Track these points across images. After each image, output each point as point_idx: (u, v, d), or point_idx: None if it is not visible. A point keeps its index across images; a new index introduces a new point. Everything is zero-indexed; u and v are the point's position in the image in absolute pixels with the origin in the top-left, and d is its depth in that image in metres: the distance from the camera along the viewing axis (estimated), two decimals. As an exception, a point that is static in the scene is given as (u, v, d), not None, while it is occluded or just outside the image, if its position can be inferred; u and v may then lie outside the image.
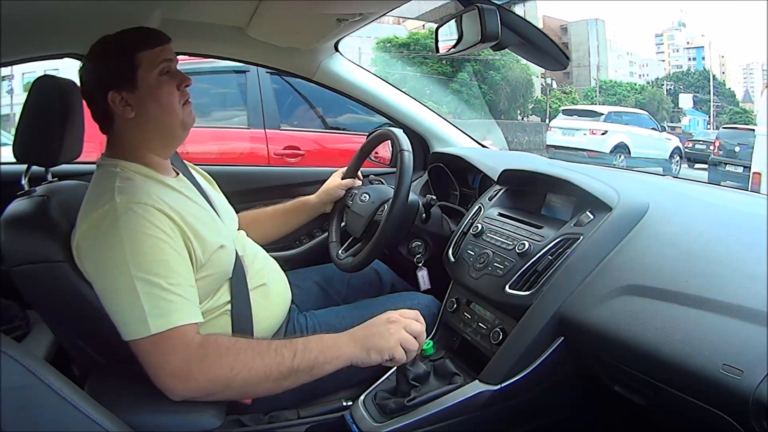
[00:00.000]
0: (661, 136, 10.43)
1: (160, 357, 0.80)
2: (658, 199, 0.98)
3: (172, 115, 0.95)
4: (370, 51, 13.89)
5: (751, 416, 0.61)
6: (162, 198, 0.88)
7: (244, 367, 0.82)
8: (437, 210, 1.28)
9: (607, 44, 24.30)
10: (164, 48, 0.94)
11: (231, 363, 0.81)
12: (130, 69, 0.91)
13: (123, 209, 0.83)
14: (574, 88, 21.21)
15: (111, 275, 0.82)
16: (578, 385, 0.94)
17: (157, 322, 0.80)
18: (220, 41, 1.50)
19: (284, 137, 3.16)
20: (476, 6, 0.89)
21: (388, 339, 0.87)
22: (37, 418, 0.64)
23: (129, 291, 0.80)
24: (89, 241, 0.85)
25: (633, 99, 20.82)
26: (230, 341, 0.85)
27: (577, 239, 0.93)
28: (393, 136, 1.22)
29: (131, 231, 0.82)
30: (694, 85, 22.35)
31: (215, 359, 0.81)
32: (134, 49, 0.92)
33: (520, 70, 17.82)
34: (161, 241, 0.84)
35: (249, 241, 1.14)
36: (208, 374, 0.81)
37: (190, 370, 0.80)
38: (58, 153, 1.03)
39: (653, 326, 0.74)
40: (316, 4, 1.17)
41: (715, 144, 8.43)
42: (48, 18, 1.14)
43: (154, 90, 0.92)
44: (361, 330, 0.89)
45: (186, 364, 0.80)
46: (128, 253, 0.81)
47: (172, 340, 0.80)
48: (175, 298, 0.82)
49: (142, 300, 0.80)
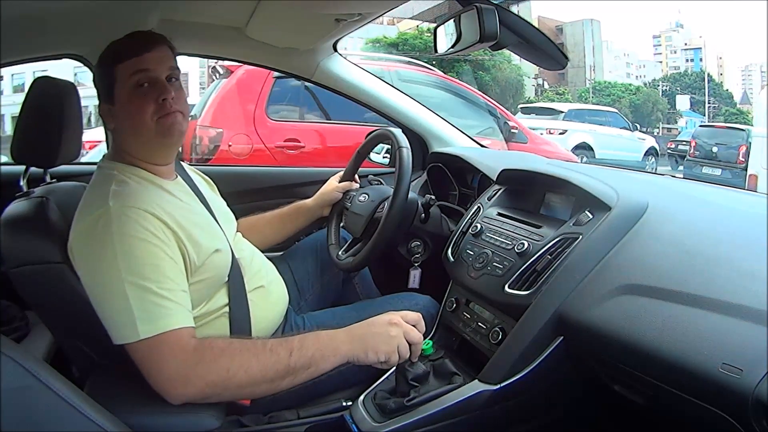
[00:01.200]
0: (633, 135, 9.90)
1: (156, 362, 0.80)
2: (658, 198, 0.98)
3: (144, 128, 0.92)
4: (358, 51, 14.04)
5: (750, 415, 0.61)
6: (157, 202, 0.88)
7: (240, 369, 0.81)
8: (436, 210, 1.28)
9: (605, 45, 24.37)
10: (142, 58, 0.91)
11: (227, 365, 0.81)
12: (109, 84, 0.93)
13: (116, 214, 0.83)
14: (567, 89, 21.28)
15: (102, 279, 0.82)
16: (578, 385, 0.94)
17: (147, 327, 0.80)
18: (219, 41, 1.50)
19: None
20: (475, 6, 0.89)
21: (388, 342, 0.87)
22: (36, 419, 0.64)
23: (120, 295, 0.80)
24: (81, 244, 0.85)
25: (628, 100, 20.90)
26: (225, 343, 0.85)
27: (577, 239, 0.93)
28: (391, 136, 1.22)
29: (124, 235, 0.82)
30: (691, 87, 22.44)
31: (211, 362, 0.81)
32: (112, 62, 0.92)
33: (510, 71, 17.85)
34: (154, 246, 0.83)
35: (247, 244, 1.14)
36: (206, 378, 0.80)
37: (187, 374, 0.80)
38: (56, 154, 1.03)
39: (652, 325, 0.74)
40: (314, 5, 1.17)
41: (691, 144, 7.84)
42: (47, 18, 1.14)
43: (126, 105, 0.92)
44: (361, 328, 0.89)
45: (182, 368, 0.80)
46: (120, 257, 0.81)
47: (167, 345, 0.80)
48: (167, 303, 0.82)
49: (133, 304, 0.80)
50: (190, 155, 3.27)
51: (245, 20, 1.35)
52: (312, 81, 1.65)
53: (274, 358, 0.83)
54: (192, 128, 3.34)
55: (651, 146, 10.08)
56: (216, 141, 3.21)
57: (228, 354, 0.82)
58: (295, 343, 0.85)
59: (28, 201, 0.95)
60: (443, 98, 4.30)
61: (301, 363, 0.83)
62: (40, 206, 0.94)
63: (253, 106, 3.25)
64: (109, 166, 0.94)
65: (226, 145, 3.18)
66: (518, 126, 4.65)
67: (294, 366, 0.83)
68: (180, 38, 1.01)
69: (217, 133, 3.22)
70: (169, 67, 0.94)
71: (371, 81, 1.68)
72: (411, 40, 15.84)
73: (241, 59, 1.74)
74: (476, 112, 4.58)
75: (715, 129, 8.04)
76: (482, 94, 4.97)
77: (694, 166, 7.32)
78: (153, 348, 0.80)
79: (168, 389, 0.80)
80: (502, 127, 4.52)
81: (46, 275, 0.88)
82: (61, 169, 1.11)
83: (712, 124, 10.15)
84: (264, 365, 0.82)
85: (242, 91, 3.29)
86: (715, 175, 6.75)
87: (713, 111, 20.72)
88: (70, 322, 0.91)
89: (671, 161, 9.62)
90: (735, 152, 7.00)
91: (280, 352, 0.83)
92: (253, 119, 3.24)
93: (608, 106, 14.72)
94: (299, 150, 3.21)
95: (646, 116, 20.45)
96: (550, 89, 20.89)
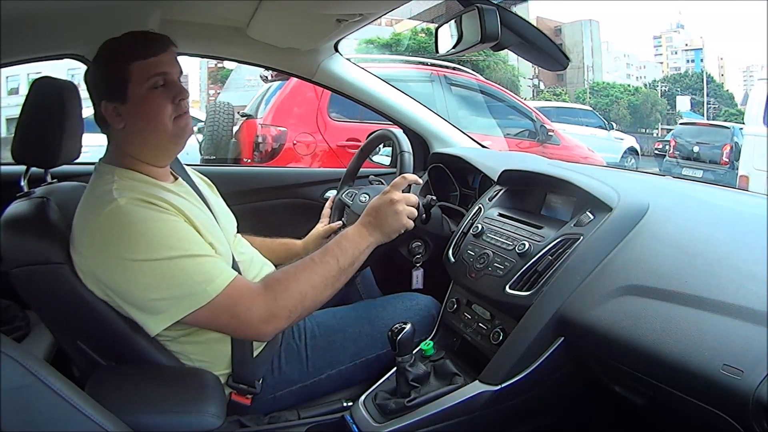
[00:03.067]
0: (609, 135, 9.17)
1: (239, 312, 0.86)
2: (658, 199, 0.98)
3: (161, 129, 0.92)
4: (350, 52, 14.07)
5: (751, 416, 0.61)
6: (161, 196, 0.89)
7: (307, 286, 0.92)
8: (437, 210, 1.27)
9: (605, 46, 24.36)
10: (159, 59, 0.91)
11: (298, 288, 0.91)
12: (121, 81, 0.90)
13: (127, 207, 0.84)
14: (565, 89, 21.28)
15: (138, 270, 0.83)
16: (578, 386, 0.94)
17: (212, 286, 0.85)
18: (220, 42, 1.50)
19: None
20: (476, 6, 0.89)
21: (399, 218, 1.01)
22: (37, 419, 0.64)
23: (166, 274, 0.83)
24: (98, 246, 0.84)
25: (626, 100, 20.88)
26: (283, 274, 0.94)
27: (577, 239, 0.93)
28: (393, 137, 1.22)
29: (142, 222, 0.84)
30: (691, 88, 22.42)
31: (285, 292, 0.90)
32: (126, 59, 0.90)
33: (504, 72, 17.80)
34: (174, 221, 0.87)
35: (247, 246, 1.14)
36: (287, 306, 0.89)
37: (271, 310, 0.88)
38: (57, 154, 1.02)
39: (653, 326, 0.74)
40: (315, 5, 1.17)
41: (671, 143, 7.38)
42: (47, 18, 1.14)
43: (143, 104, 0.91)
44: (371, 218, 1.01)
45: (266, 307, 0.88)
46: (143, 243, 0.83)
47: (240, 293, 0.87)
48: (214, 260, 0.88)
49: (185, 274, 0.84)
50: (252, 154, 3.35)
51: (246, 20, 1.35)
52: (313, 81, 1.65)
53: (327, 267, 0.94)
54: (253, 127, 3.44)
55: (630, 146, 9.45)
56: (281, 140, 3.29)
57: (293, 279, 0.92)
58: (336, 250, 0.96)
59: (28, 201, 0.95)
60: (485, 102, 4.48)
61: (347, 263, 0.96)
62: (40, 206, 0.94)
63: (314, 105, 3.35)
64: (106, 170, 0.93)
65: (290, 143, 3.28)
66: (553, 130, 4.75)
67: (343, 266, 0.95)
68: (180, 38, 1.00)
69: (281, 132, 3.31)
70: (179, 69, 0.95)
71: (372, 81, 1.68)
72: (404, 41, 15.84)
73: (242, 59, 1.74)
74: (514, 115, 4.72)
75: (698, 127, 7.60)
76: (520, 99, 5.14)
77: (674, 166, 6.90)
78: (229, 300, 0.85)
79: (261, 330, 0.89)
80: (538, 129, 4.62)
81: (47, 275, 0.88)
82: (61, 169, 1.10)
83: (694, 121, 9.37)
84: (323, 276, 0.93)
85: (303, 90, 3.38)
86: (696, 176, 6.16)
87: (713, 112, 20.72)
88: (71, 322, 0.91)
89: (658, 162, 8.89)
90: (718, 152, 6.67)
91: (329, 261, 0.95)
92: (316, 119, 3.34)
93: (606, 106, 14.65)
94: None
95: (644, 117, 20.43)
96: (547, 90, 20.88)
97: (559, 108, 10.37)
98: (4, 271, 0.88)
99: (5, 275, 0.87)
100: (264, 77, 3.88)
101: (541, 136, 4.60)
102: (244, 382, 0.96)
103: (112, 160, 0.95)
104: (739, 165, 4.95)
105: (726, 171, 6.26)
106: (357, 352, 1.05)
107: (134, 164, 0.94)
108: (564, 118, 9.04)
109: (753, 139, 4.62)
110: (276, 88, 3.55)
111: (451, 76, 4.26)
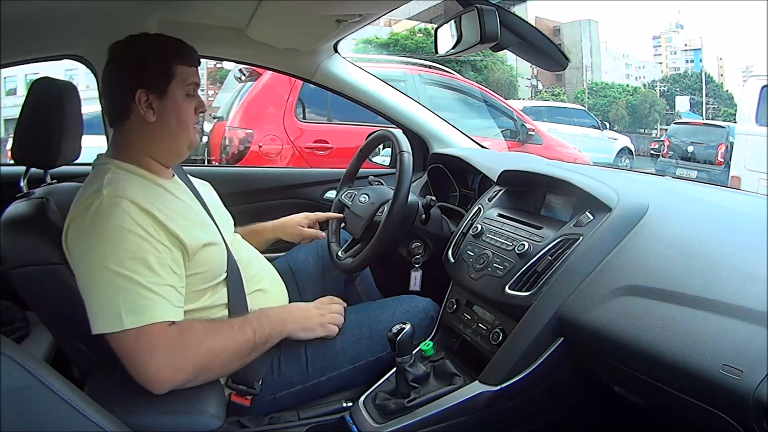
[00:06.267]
0: (602, 135, 9.06)
1: (143, 352, 0.82)
2: (658, 199, 0.98)
3: (186, 132, 0.97)
4: (348, 52, 14.09)
5: (751, 417, 0.61)
6: (149, 196, 0.89)
7: (221, 349, 0.88)
8: (437, 211, 1.28)
9: (604, 46, 24.36)
10: (196, 70, 0.98)
11: (211, 347, 0.87)
12: (166, 76, 0.94)
13: (108, 202, 0.84)
14: (564, 89, 21.28)
15: (91, 266, 0.83)
16: (578, 386, 0.94)
17: (132, 318, 0.81)
18: (220, 42, 1.50)
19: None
20: (475, 6, 0.89)
21: (323, 327, 1.03)
22: (37, 420, 0.64)
23: (107, 284, 0.82)
24: (74, 232, 0.86)
25: (625, 101, 20.88)
26: (203, 326, 0.89)
27: (577, 240, 0.93)
28: (393, 137, 1.22)
29: (114, 226, 0.83)
30: (691, 88, 22.41)
31: (197, 346, 0.86)
32: (175, 60, 0.95)
33: (502, 72, 17.79)
34: (142, 240, 0.84)
35: (245, 246, 1.14)
36: (194, 362, 0.85)
37: (177, 361, 0.83)
38: (56, 155, 1.03)
39: (653, 327, 0.74)
40: (315, 5, 1.17)
41: (665, 143, 7.27)
42: (47, 19, 1.14)
43: (179, 104, 0.95)
44: (299, 311, 1.03)
45: (172, 356, 0.83)
46: (109, 246, 0.82)
47: (152, 336, 0.82)
48: (152, 295, 0.83)
49: (119, 294, 0.81)
50: (220, 156, 3.32)
51: (246, 21, 1.35)
52: (312, 82, 1.65)
53: (243, 337, 0.91)
54: (221, 129, 3.40)
55: (624, 146, 9.40)
56: (246, 142, 3.25)
57: (209, 336, 0.88)
58: (254, 323, 0.94)
59: (28, 202, 0.95)
60: (463, 101, 4.43)
61: (262, 340, 0.94)
62: (40, 207, 0.94)
63: (282, 107, 3.30)
64: (105, 162, 0.94)
65: (256, 146, 3.23)
66: (534, 128, 4.73)
67: (257, 342, 0.93)
68: (181, 39, 1.01)
69: (248, 134, 3.27)
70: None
71: (372, 82, 1.68)
72: (402, 41, 15.85)
73: (241, 60, 1.74)
74: (495, 115, 4.68)
75: (693, 126, 7.44)
76: (501, 98, 5.07)
77: (668, 167, 6.80)
78: (139, 338, 0.81)
79: (157, 378, 0.82)
80: (520, 129, 4.61)
81: (46, 276, 0.88)
82: (61, 170, 1.11)
83: (688, 120, 9.13)
84: (238, 344, 0.90)
85: (271, 92, 3.34)
86: (690, 177, 6.03)
87: (713, 112, 20.73)
88: (70, 322, 0.91)
89: (654, 162, 8.75)
90: (713, 152, 6.56)
91: (246, 331, 0.92)
92: (283, 120, 3.29)
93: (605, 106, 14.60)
94: (328, 151, 3.24)
95: (643, 117, 20.45)
96: (545, 90, 20.89)
97: (552, 108, 10.31)
98: (3, 272, 0.88)
99: (5, 276, 0.87)
100: (238, 77, 3.81)
101: (521, 135, 4.56)
102: (244, 384, 0.96)
103: (114, 155, 0.95)
104: (730, 165, 4.85)
105: (721, 171, 6.15)
106: (357, 356, 1.05)
107: (140, 159, 0.95)
108: (557, 117, 9.05)
109: (744, 138, 4.54)
110: (247, 89, 3.51)
111: (426, 74, 4.18)
